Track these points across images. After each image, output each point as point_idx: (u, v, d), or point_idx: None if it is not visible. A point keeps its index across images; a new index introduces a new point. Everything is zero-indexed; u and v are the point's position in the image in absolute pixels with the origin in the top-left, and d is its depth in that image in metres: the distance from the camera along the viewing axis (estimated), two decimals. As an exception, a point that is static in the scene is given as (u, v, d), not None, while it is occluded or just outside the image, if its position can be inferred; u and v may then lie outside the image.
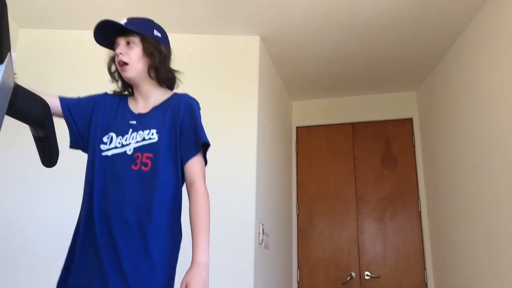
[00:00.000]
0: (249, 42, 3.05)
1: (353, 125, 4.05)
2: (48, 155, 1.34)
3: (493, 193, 2.53)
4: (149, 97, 1.52)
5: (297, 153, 4.11)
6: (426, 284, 3.52)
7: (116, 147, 1.41)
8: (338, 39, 3.12)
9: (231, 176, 2.78)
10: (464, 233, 2.92)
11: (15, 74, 1.19)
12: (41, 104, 1.23)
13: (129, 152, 1.39)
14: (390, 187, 3.80)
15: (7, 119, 1.15)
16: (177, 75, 1.57)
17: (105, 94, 1.57)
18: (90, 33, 1.50)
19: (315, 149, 4.07)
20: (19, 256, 2.59)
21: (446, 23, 2.89)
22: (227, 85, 2.99)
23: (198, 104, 1.52)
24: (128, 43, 1.47)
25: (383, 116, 4.01)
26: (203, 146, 1.45)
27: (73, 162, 2.60)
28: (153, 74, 1.50)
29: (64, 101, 1.50)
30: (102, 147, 1.42)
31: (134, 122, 1.45)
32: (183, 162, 1.42)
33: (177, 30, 2.97)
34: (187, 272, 1.26)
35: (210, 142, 1.47)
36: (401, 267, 3.60)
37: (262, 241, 2.83)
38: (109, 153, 1.41)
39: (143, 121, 1.44)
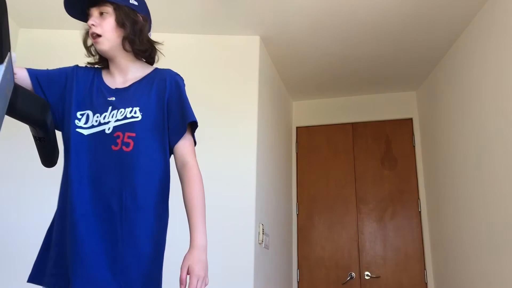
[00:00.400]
0: (249, 42, 3.05)
1: (353, 125, 4.05)
2: (48, 155, 1.34)
3: (494, 192, 2.53)
4: (127, 72, 1.41)
5: (297, 153, 4.11)
6: (426, 284, 3.52)
7: (93, 126, 1.30)
8: (338, 39, 3.12)
9: (231, 176, 2.78)
10: (464, 233, 2.92)
11: (15, 74, 1.19)
12: (41, 104, 1.23)
13: (108, 131, 1.29)
14: (390, 187, 3.81)
15: (7, 119, 1.15)
16: (158, 47, 1.46)
17: (76, 66, 1.47)
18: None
19: (315, 149, 4.07)
20: (18, 255, 2.59)
21: (446, 24, 2.89)
22: (227, 85, 2.99)
23: (183, 80, 1.43)
24: (101, 13, 1.37)
25: (383, 116, 4.01)
26: (191, 126, 1.38)
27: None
28: (128, 46, 1.39)
29: (32, 71, 1.38)
30: (77, 122, 1.31)
31: (113, 98, 1.35)
32: (173, 143, 1.34)
33: (177, 30, 2.97)
34: (187, 255, 1.21)
35: (210, 142, 1.45)
36: (401, 267, 3.60)
37: (262, 241, 2.83)
38: (85, 132, 1.30)
39: (124, 98, 1.34)
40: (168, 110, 1.35)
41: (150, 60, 1.48)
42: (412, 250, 3.62)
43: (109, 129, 1.29)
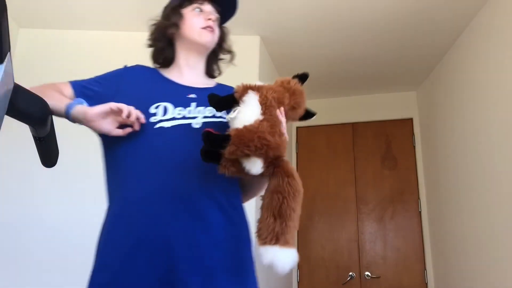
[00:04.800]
0: (249, 42, 3.05)
1: (353, 125, 4.05)
2: (48, 155, 1.34)
3: (494, 192, 2.53)
4: (198, 74, 1.40)
5: (297, 153, 4.11)
6: (426, 284, 3.52)
7: (174, 118, 1.19)
8: (338, 39, 3.12)
9: (231, 176, 2.78)
10: (464, 233, 2.92)
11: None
12: (41, 104, 1.23)
13: (196, 126, 1.19)
14: (390, 187, 3.81)
15: (7, 119, 1.14)
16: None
17: (125, 67, 1.38)
18: (90, 33, 1.49)
19: (315, 149, 4.07)
20: (15, 256, 2.59)
21: (446, 23, 2.89)
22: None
23: None
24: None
25: (383, 116, 4.01)
26: None
27: (73, 163, 2.60)
28: (214, 55, 1.45)
29: (77, 85, 1.27)
30: (153, 119, 1.18)
31: (194, 95, 1.27)
32: None
33: (177, 30, 2.97)
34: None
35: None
36: (401, 267, 3.60)
37: (262, 241, 2.82)
38: (166, 124, 1.18)
39: (205, 98, 1.22)
40: None
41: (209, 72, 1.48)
42: (412, 250, 3.62)
43: (197, 124, 1.20)
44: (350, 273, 3.65)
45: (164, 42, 1.38)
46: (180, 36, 1.37)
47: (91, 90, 1.28)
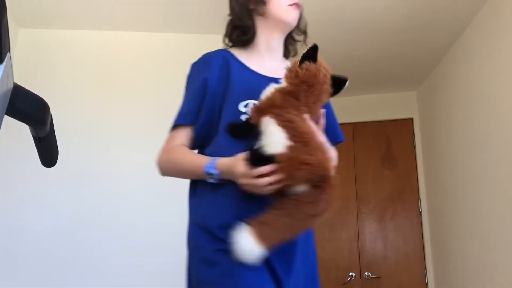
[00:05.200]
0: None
1: (353, 125, 4.05)
2: (48, 155, 1.34)
3: (494, 192, 2.53)
4: (279, 58, 1.31)
5: (297, 153, 4.11)
6: (427, 284, 3.52)
7: None
8: (338, 39, 3.12)
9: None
10: (465, 233, 2.92)
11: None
12: (41, 104, 1.23)
13: None
14: (390, 187, 3.80)
15: (7, 119, 1.14)
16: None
17: (194, 65, 1.28)
18: (90, 33, 1.48)
19: (315, 149, 4.07)
20: (16, 257, 2.59)
21: (446, 23, 2.89)
22: (227, 85, 2.98)
23: None
24: None
25: (383, 116, 4.01)
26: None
27: (72, 163, 2.60)
28: (290, 39, 1.35)
29: (185, 120, 1.20)
30: (243, 117, 1.14)
31: None
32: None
33: (177, 29, 2.97)
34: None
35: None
36: (401, 267, 3.60)
37: (262, 241, 2.82)
38: None
39: None
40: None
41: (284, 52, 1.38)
42: (413, 250, 3.62)
43: None
44: (350, 273, 3.65)
45: (250, 19, 1.27)
46: (264, 13, 1.27)
47: (197, 110, 1.21)
